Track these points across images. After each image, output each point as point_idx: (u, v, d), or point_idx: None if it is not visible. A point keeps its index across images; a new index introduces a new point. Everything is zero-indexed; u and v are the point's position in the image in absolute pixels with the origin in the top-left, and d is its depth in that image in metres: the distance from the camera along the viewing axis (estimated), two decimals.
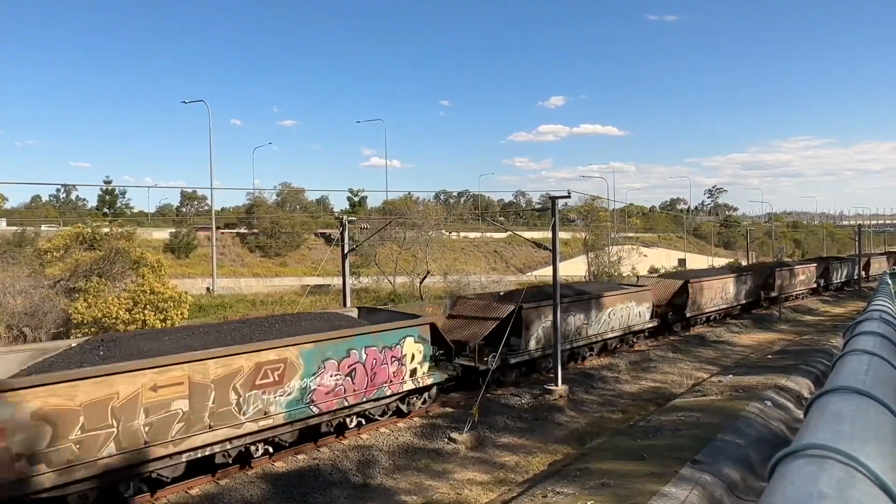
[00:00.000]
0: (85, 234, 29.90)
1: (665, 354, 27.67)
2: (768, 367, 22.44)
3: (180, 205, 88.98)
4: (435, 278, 47.74)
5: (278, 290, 51.02)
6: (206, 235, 55.92)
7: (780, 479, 1.18)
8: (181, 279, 47.36)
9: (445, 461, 15.47)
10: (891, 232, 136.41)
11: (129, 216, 67.77)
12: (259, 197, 67.52)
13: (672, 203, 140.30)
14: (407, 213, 51.06)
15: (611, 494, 10.81)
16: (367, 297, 45.08)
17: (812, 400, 1.79)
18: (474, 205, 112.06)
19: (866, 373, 2.14)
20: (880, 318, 4.24)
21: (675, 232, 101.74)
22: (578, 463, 13.27)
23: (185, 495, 13.13)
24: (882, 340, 3.18)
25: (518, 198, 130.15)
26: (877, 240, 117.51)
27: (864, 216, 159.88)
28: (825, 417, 1.56)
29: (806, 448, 1.27)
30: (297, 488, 13.52)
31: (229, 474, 13.96)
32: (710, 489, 10.97)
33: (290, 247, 62.56)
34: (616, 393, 21.91)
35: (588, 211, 61.61)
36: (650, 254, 71.99)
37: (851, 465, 1.17)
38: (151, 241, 53.39)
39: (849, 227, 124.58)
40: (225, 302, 45.17)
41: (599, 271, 53.32)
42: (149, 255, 28.84)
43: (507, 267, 71.87)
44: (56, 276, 27.30)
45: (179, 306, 26.12)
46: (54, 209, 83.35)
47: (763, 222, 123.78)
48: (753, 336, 33.83)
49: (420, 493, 13.60)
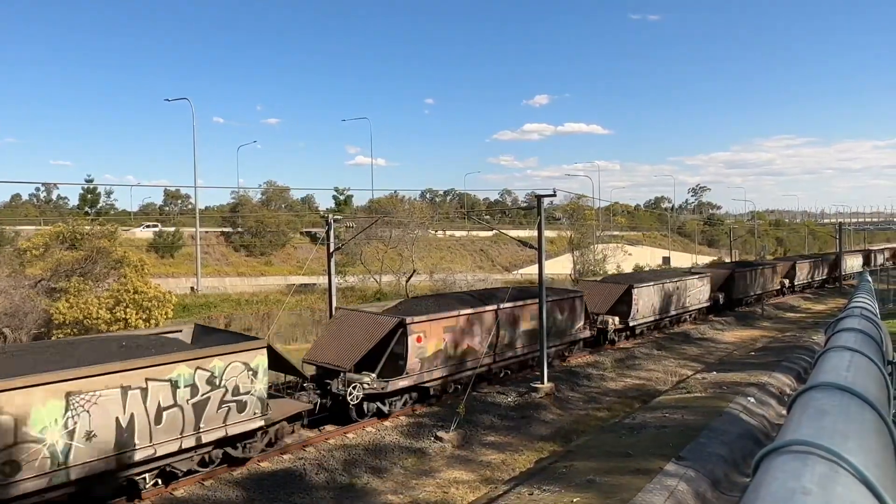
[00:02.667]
0: (66, 234, 29.55)
1: (650, 352, 27.86)
2: (751, 364, 22.67)
3: (164, 203, 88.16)
4: (421, 277, 47.77)
5: (263, 290, 50.76)
6: (191, 234, 55.48)
7: (764, 474, 1.19)
8: (165, 279, 46.98)
9: (432, 460, 15.47)
10: (871, 230, 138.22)
11: (111, 215, 67.01)
12: (244, 196, 67.11)
13: (656, 201, 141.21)
14: (393, 211, 51.01)
15: (597, 491, 10.87)
16: (352, 296, 44.99)
17: (795, 396, 1.81)
18: (460, 203, 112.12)
19: (848, 369, 2.16)
20: (861, 315, 4.29)
21: (659, 230, 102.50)
22: (564, 460, 13.33)
23: (169, 496, 13.03)
24: (863, 337, 3.21)
25: (504, 196, 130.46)
26: (857, 237, 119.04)
27: (845, 214, 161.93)
28: (808, 413, 1.57)
29: (789, 444, 1.28)
30: (283, 488, 13.46)
31: (214, 475, 13.86)
32: (694, 485, 11.07)
33: (276, 246, 62.25)
34: (601, 390, 22.03)
35: (573, 209, 61.94)
36: (635, 252, 72.43)
37: (834, 461, 1.18)
38: (135, 241, 52.90)
39: (830, 225, 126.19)
40: (209, 301, 44.87)
41: (585, 269, 53.60)
42: (131, 255, 28.56)
43: (494, 265, 72.00)
44: (37, 275, 26.96)
45: (163, 306, 25.92)
46: (34, 208, 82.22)
47: (746, 220, 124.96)
48: (736, 333, 34.16)
49: (406, 492, 13.59)
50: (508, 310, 21.51)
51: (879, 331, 3.95)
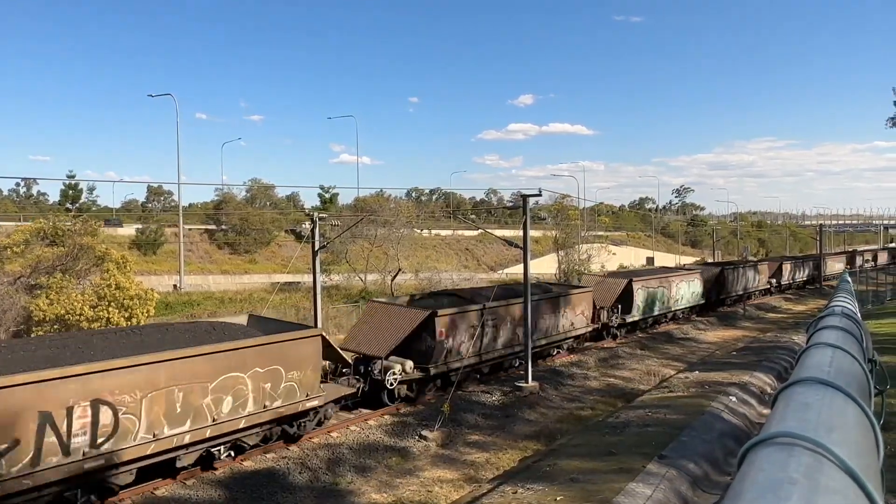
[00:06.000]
0: (47, 230, 29.14)
1: (633, 351, 28.05)
2: (733, 364, 22.89)
3: (146, 200, 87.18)
4: (406, 276, 47.69)
5: (247, 288, 50.41)
6: (174, 232, 54.96)
7: (750, 466, 1.20)
8: (147, 276, 46.51)
9: (416, 458, 15.46)
10: (850, 232, 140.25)
11: (93, 212, 66.18)
12: (228, 193, 66.62)
13: (641, 202, 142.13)
14: (378, 210, 50.86)
15: (580, 490, 10.91)
16: (337, 295, 44.80)
17: (779, 391, 1.83)
18: (446, 202, 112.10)
19: (830, 364, 2.19)
20: (842, 314, 4.35)
21: (643, 231, 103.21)
22: (548, 459, 13.38)
23: (150, 496, 12.91)
24: (844, 334, 3.26)
25: (489, 196, 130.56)
26: (837, 239, 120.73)
27: (826, 216, 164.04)
28: (792, 407, 1.59)
29: (775, 436, 1.29)
30: (266, 487, 13.38)
31: (196, 475, 13.75)
32: (676, 484, 11.15)
33: (260, 244, 61.83)
34: (585, 389, 22.13)
35: (558, 209, 62.14)
36: (619, 252, 72.86)
37: (819, 452, 1.19)
38: (117, 237, 52.28)
39: (811, 226, 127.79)
40: (192, 299, 44.48)
41: (570, 269, 53.82)
42: (113, 252, 28.22)
43: (479, 265, 72.07)
44: (16, 272, 26.55)
45: (145, 304, 25.63)
46: (14, 204, 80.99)
47: (729, 221, 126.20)
48: (718, 333, 34.49)
49: (390, 491, 13.57)
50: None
51: (860, 329, 4.01)
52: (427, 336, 19.20)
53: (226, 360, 13.36)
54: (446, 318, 19.62)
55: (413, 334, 19.06)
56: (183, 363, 12.62)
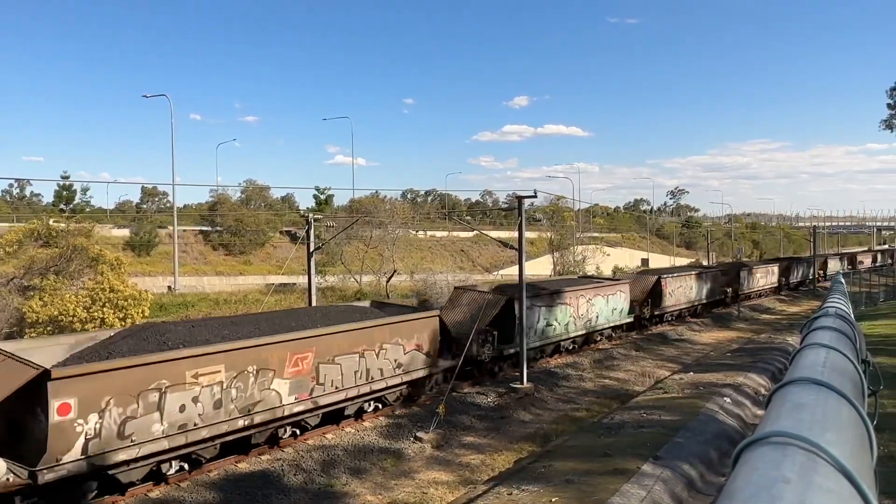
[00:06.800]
0: (40, 231, 29.02)
1: (628, 353, 28.09)
2: (727, 365, 22.95)
3: (141, 201, 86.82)
4: (402, 277, 47.67)
5: (242, 289, 50.27)
6: (168, 233, 54.81)
7: (744, 465, 1.20)
8: (141, 277, 46.37)
9: (411, 460, 15.44)
10: (844, 233, 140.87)
11: (87, 213, 65.91)
12: (223, 194, 66.47)
13: (635, 203, 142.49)
14: (374, 211, 50.83)
15: (575, 491, 10.92)
16: (332, 296, 44.75)
17: (773, 391, 1.83)
18: (441, 204, 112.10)
19: (824, 365, 2.20)
20: (836, 315, 4.36)
21: (638, 232, 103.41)
22: (543, 460, 13.38)
23: (144, 498, 12.85)
24: (837, 335, 3.27)
25: (485, 197, 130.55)
26: (831, 241, 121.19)
27: (819, 218, 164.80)
28: (786, 407, 1.59)
29: (769, 436, 1.29)
30: (261, 490, 13.33)
31: (187, 477, 13.69)
32: (671, 485, 11.17)
33: (255, 245, 61.69)
34: (580, 390, 22.15)
35: (554, 211, 62.28)
36: (614, 253, 73.06)
37: (813, 452, 1.19)
38: (111, 239, 52.09)
39: (805, 228, 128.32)
40: (187, 301, 44.34)
41: (565, 270, 53.90)
42: (107, 253, 28.12)
43: (474, 266, 72.09)
44: (9, 273, 26.43)
45: (139, 305, 25.55)
46: (7, 205, 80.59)
47: (723, 223, 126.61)
48: (713, 334, 34.58)
49: (385, 493, 13.54)
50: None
51: (853, 329, 4.02)
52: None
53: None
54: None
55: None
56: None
